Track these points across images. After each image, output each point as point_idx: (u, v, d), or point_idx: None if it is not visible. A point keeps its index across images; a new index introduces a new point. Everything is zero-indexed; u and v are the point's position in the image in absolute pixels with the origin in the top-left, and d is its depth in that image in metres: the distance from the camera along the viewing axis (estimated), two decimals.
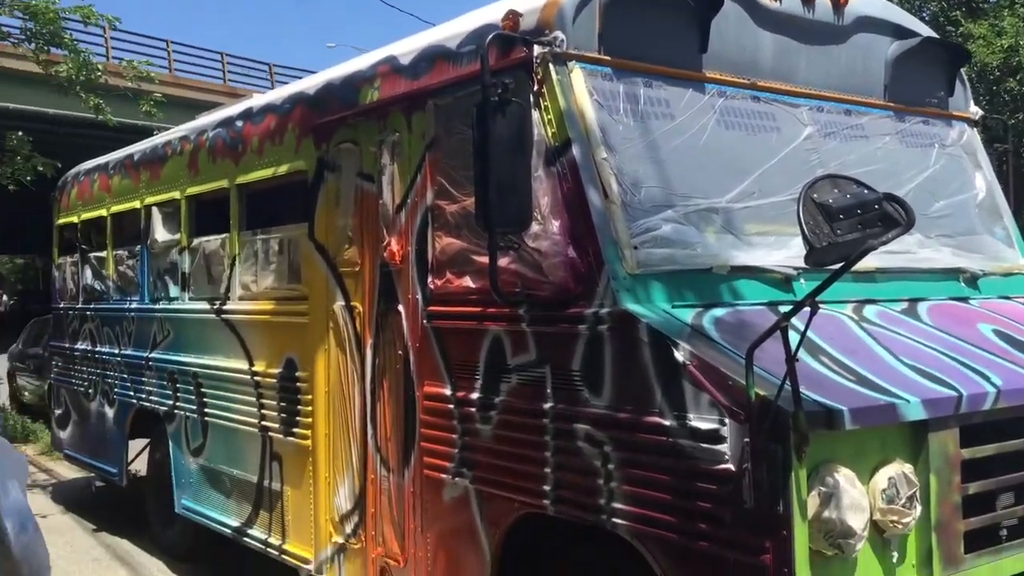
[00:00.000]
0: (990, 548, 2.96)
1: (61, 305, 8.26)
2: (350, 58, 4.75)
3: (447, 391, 3.67)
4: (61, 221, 8.26)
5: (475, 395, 3.52)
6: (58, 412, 8.32)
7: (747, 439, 2.55)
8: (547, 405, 3.21)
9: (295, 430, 4.68)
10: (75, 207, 7.90)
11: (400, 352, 3.97)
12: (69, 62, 10.61)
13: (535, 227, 3.21)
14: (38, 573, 2.47)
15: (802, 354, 2.56)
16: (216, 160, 5.60)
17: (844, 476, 2.61)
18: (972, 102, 4.48)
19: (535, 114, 3.28)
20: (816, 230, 2.28)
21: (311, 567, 4.57)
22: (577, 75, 3.27)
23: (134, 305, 6.70)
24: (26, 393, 13.79)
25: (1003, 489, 3.01)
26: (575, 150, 3.19)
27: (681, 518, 2.74)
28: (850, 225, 2.27)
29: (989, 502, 2.98)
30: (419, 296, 3.84)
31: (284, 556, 4.85)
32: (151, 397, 6.33)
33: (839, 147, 3.81)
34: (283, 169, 4.91)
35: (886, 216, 2.27)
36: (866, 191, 2.32)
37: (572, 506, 3.12)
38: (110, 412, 7.03)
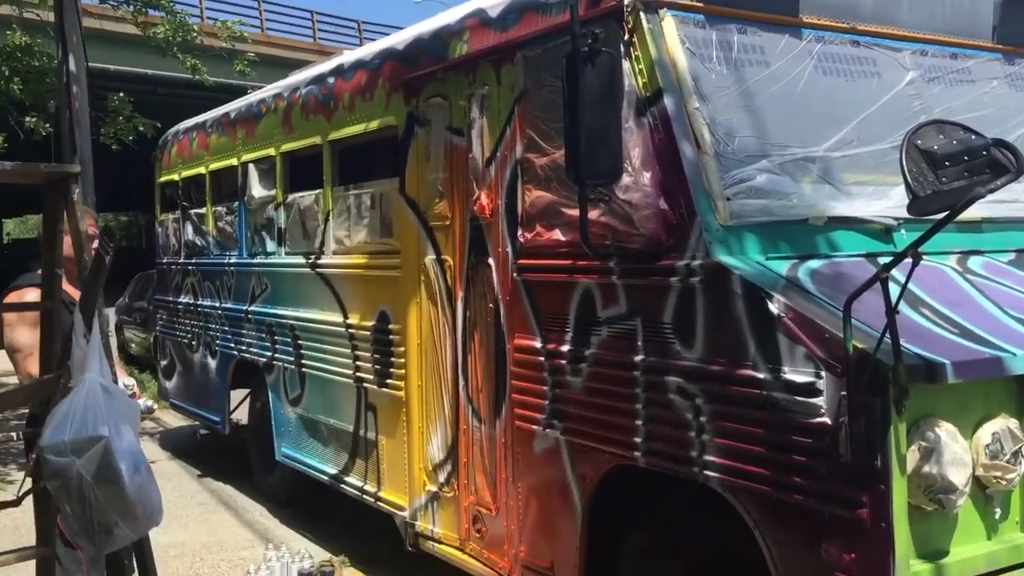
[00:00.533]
0: None
1: (164, 260, 8.56)
2: (437, 13, 4.75)
3: (537, 343, 3.69)
4: (162, 179, 8.53)
5: (565, 347, 3.54)
6: (163, 363, 8.67)
7: (844, 392, 2.50)
8: (638, 358, 3.21)
9: (389, 381, 4.79)
10: (175, 165, 8.14)
11: (491, 305, 4.00)
12: (166, 24, 10.87)
13: (626, 179, 3.19)
14: (151, 514, 2.60)
15: (903, 306, 2.49)
16: (309, 117, 5.69)
17: (946, 431, 2.54)
18: None
19: (625, 64, 3.24)
20: (920, 178, 2.20)
21: (405, 514, 4.69)
22: (668, 23, 3.20)
23: (233, 260, 6.91)
24: (133, 345, 14.40)
25: None
26: (667, 100, 3.14)
27: (775, 471, 2.72)
28: (956, 172, 2.19)
29: None
30: (509, 249, 3.86)
31: (379, 503, 4.99)
32: (251, 349, 6.54)
33: (944, 92, 3.66)
34: (374, 125, 4.96)
35: (995, 163, 2.17)
36: (973, 137, 2.22)
37: (663, 458, 3.13)
38: (212, 363, 7.29)
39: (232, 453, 7.75)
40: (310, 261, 5.66)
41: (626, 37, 3.25)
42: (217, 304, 7.19)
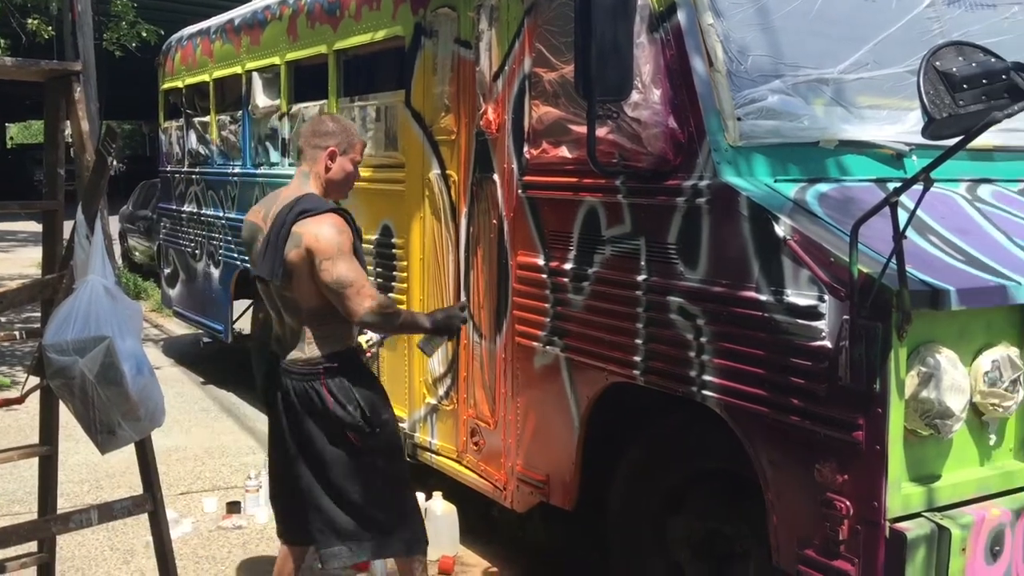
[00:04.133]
0: None
1: (168, 168, 8.50)
2: None
3: (541, 261, 3.69)
4: (166, 86, 8.42)
5: (569, 265, 3.53)
6: (167, 271, 8.68)
7: (846, 316, 2.51)
8: (641, 277, 3.20)
9: (390, 295, 4.80)
10: (179, 72, 8.03)
11: (495, 221, 3.99)
12: None
13: (635, 96, 3.13)
14: (153, 414, 2.64)
15: (910, 232, 2.47)
16: (315, 25, 5.58)
17: (946, 357, 2.55)
18: None
19: None
20: (937, 100, 2.16)
21: (405, 425, 4.75)
22: None
23: (237, 169, 6.86)
24: (137, 253, 14.44)
25: None
26: (680, 15, 3.07)
27: (773, 393, 2.74)
28: (974, 96, 2.14)
29: None
30: (515, 165, 3.83)
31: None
32: None
33: (963, 16, 3.57)
34: (380, 35, 4.87)
35: (1013, 87, 2.13)
36: (993, 60, 2.17)
37: (662, 377, 3.15)
38: (216, 273, 7.30)
39: (235, 362, 7.83)
40: None
41: None
42: (221, 213, 7.16)
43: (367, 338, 3.55)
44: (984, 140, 2.72)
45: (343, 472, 3.16)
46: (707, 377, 2.95)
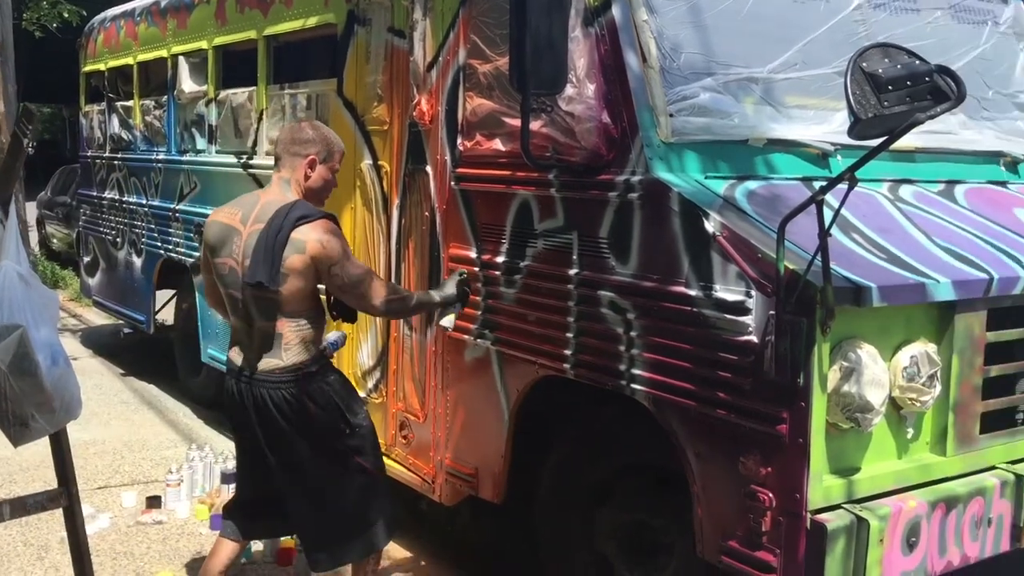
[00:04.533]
0: (1005, 430, 2.99)
1: (89, 154, 8.26)
2: None
3: (473, 253, 3.67)
4: (88, 68, 8.17)
5: (501, 259, 3.53)
6: (87, 259, 8.44)
7: (772, 311, 2.55)
8: (572, 271, 3.21)
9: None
10: (102, 54, 7.80)
11: (427, 213, 3.96)
12: None
13: (570, 90, 3.13)
14: (69, 405, 2.55)
15: (835, 230, 2.53)
16: (244, 10, 5.47)
17: (867, 352, 2.61)
18: None
19: None
20: (863, 100, 2.20)
21: None
22: None
23: (161, 156, 6.70)
24: (55, 240, 14.01)
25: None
26: (615, 10, 3.08)
27: (700, 387, 2.77)
28: (898, 97, 2.19)
29: (1008, 386, 3.00)
30: (448, 157, 3.80)
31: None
32: (179, 248, 6.40)
33: (888, 19, 3.66)
34: (312, 22, 4.79)
35: (936, 89, 2.18)
36: (917, 62, 2.22)
37: (592, 370, 3.16)
38: (138, 261, 7.12)
39: (157, 353, 7.65)
40: (242, 160, 5.51)
41: None
42: (144, 201, 6.99)
43: (447, 321, 3.58)
44: (906, 142, 2.80)
45: (329, 477, 3.15)
46: (636, 371, 2.97)
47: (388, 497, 3.34)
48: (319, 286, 3.14)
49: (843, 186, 2.41)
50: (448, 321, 3.56)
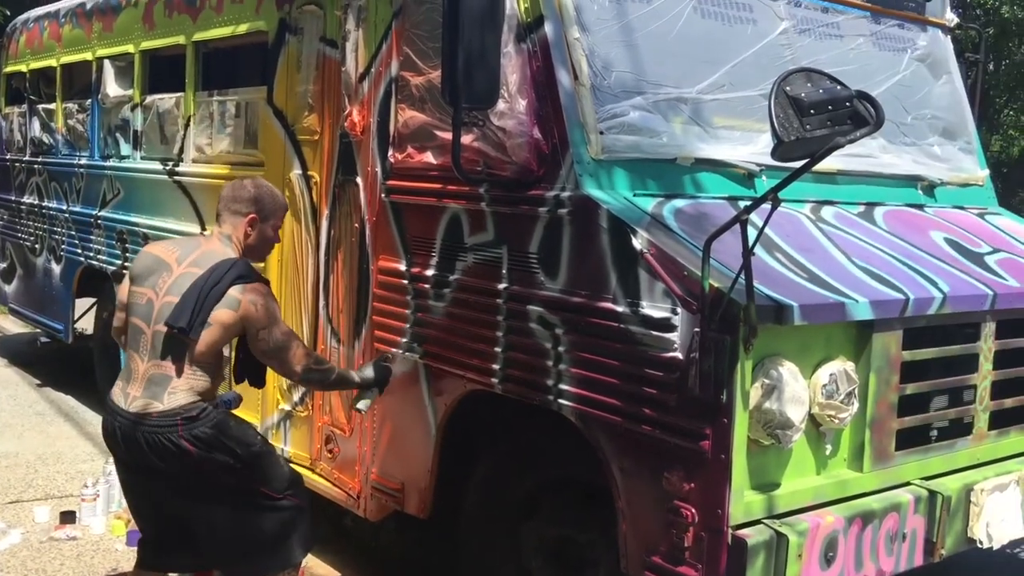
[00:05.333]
0: (919, 447, 3.08)
1: (7, 157, 8.01)
2: None
3: (402, 266, 3.65)
4: (8, 69, 7.93)
5: (430, 272, 3.51)
6: (3, 266, 8.17)
7: (697, 329, 2.58)
8: (501, 286, 3.22)
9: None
10: (23, 55, 7.58)
11: (356, 225, 3.92)
12: None
13: (501, 105, 3.15)
14: None
15: (758, 249, 2.57)
16: (173, 14, 5.37)
17: (788, 370, 2.66)
18: (949, 9, 4.43)
19: None
20: (786, 124, 2.26)
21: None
22: None
23: (83, 161, 6.53)
24: None
25: (938, 392, 3.11)
26: (547, 27, 3.10)
27: (626, 402, 2.79)
28: (820, 121, 2.25)
29: (923, 404, 3.09)
30: (378, 169, 3.78)
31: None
32: (100, 256, 6.23)
33: (813, 45, 3.76)
34: (242, 29, 4.73)
35: (856, 114, 2.25)
36: (839, 87, 2.29)
37: (520, 385, 3.16)
38: (57, 269, 6.92)
39: (75, 363, 7.43)
40: (168, 168, 5.39)
41: None
42: (64, 207, 6.80)
43: (363, 404, 3.51)
44: (828, 164, 2.88)
45: (233, 512, 3.09)
46: (563, 386, 2.98)
47: (301, 512, 3.26)
48: (226, 347, 3.14)
49: (767, 206, 2.46)
50: (363, 404, 3.49)
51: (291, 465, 3.94)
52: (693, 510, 2.62)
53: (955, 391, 3.18)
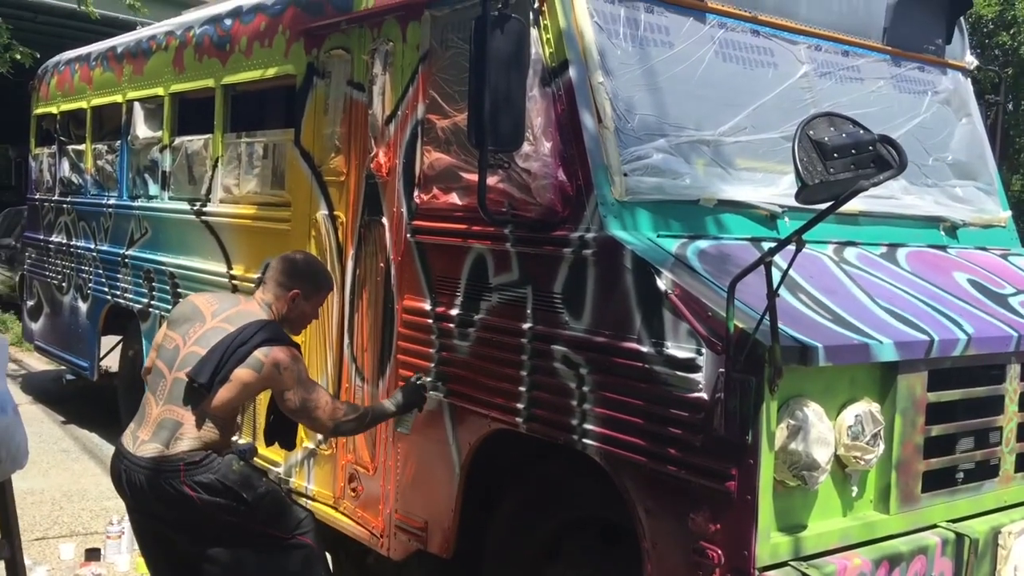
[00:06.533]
0: (946, 489, 3.06)
1: (37, 196, 8.15)
2: None
3: (427, 305, 3.69)
4: (39, 111, 8.10)
5: (455, 311, 3.54)
6: (30, 304, 8.27)
7: (722, 369, 2.59)
8: (526, 325, 3.24)
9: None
10: (55, 97, 7.74)
11: (382, 265, 3.97)
12: None
13: (526, 147, 3.20)
14: (15, 456, 2.50)
15: (783, 290, 2.59)
16: (202, 58, 5.48)
17: (813, 411, 2.67)
18: (969, 51, 4.47)
19: (534, 32, 3.24)
20: (809, 167, 2.29)
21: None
22: None
23: (112, 201, 6.63)
24: None
25: (964, 434, 3.10)
26: (572, 72, 3.16)
27: (651, 443, 2.80)
28: (843, 164, 2.28)
29: (949, 446, 3.07)
30: (404, 209, 3.83)
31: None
32: (126, 294, 6.31)
33: (834, 88, 3.80)
34: (271, 72, 4.83)
35: (879, 158, 2.28)
36: (862, 131, 2.32)
37: (544, 425, 3.18)
38: (83, 307, 7.00)
39: (100, 401, 7.49)
40: (195, 208, 5.48)
41: (536, 5, 3.26)
42: (92, 246, 6.90)
43: (404, 428, 3.65)
44: (851, 206, 2.89)
45: (243, 558, 3.10)
46: (588, 426, 2.99)
47: (311, 552, 3.24)
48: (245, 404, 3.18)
49: (791, 247, 2.48)
50: (404, 428, 3.65)
51: (306, 505, 3.97)
52: (719, 551, 2.62)
53: (981, 433, 3.16)
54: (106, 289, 6.61)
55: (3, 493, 2.81)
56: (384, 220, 3.96)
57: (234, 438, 3.29)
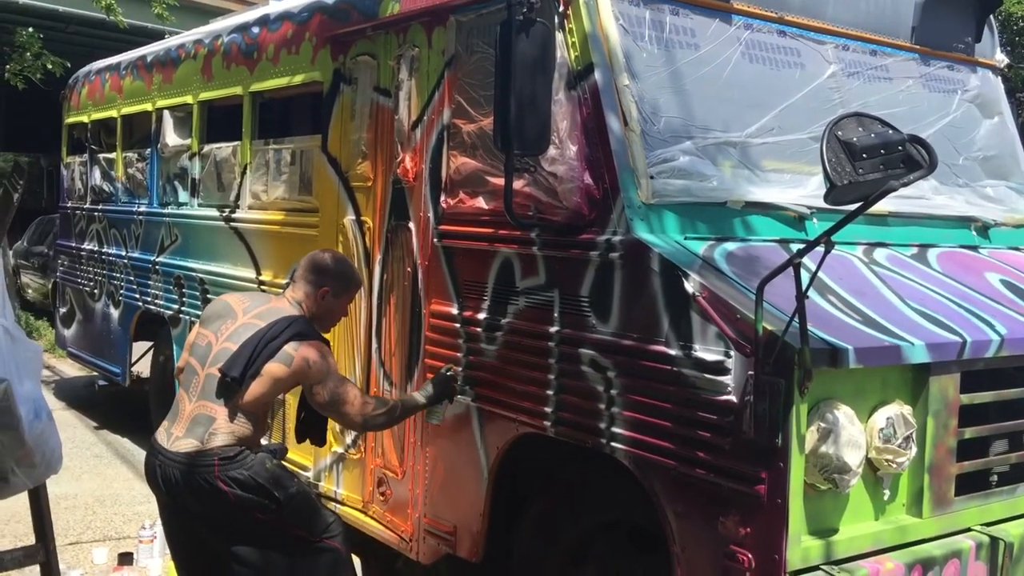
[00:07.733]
0: (980, 492, 3.02)
1: (69, 204, 8.25)
2: None
3: (454, 310, 3.69)
4: (71, 120, 8.20)
5: (482, 315, 3.55)
6: (63, 310, 8.38)
7: (751, 372, 2.58)
8: (553, 329, 3.24)
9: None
10: (85, 106, 7.84)
11: (409, 269, 3.99)
12: None
13: (552, 151, 3.20)
14: (50, 461, 2.53)
15: (812, 292, 2.57)
16: (230, 66, 5.54)
17: (844, 413, 2.64)
18: (999, 49, 4.42)
19: (559, 36, 3.24)
20: (838, 168, 2.27)
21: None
22: None
23: (142, 208, 6.71)
24: (30, 290, 13.89)
25: (997, 436, 3.06)
26: (597, 75, 3.16)
27: (680, 446, 2.79)
28: (872, 165, 2.26)
29: (983, 448, 3.03)
30: (431, 214, 3.85)
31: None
32: (157, 300, 6.38)
33: (862, 87, 3.77)
34: (298, 79, 4.86)
35: (909, 158, 2.26)
36: (891, 131, 2.30)
37: (572, 428, 3.17)
38: (115, 313, 7.08)
39: (132, 406, 7.57)
40: (224, 214, 5.53)
41: (561, 9, 3.26)
42: (123, 252, 6.98)
43: (435, 418, 3.68)
44: (880, 206, 2.87)
45: (268, 553, 3.11)
46: (616, 429, 2.99)
47: (338, 556, 3.25)
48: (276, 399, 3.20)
49: (820, 249, 2.47)
50: (435, 418, 3.68)
51: (335, 509, 3.99)
52: (750, 555, 2.60)
53: (1015, 435, 3.12)
54: (137, 296, 6.68)
55: (38, 498, 2.85)
56: (411, 225, 3.98)
57: (264, 440, 3.30)
